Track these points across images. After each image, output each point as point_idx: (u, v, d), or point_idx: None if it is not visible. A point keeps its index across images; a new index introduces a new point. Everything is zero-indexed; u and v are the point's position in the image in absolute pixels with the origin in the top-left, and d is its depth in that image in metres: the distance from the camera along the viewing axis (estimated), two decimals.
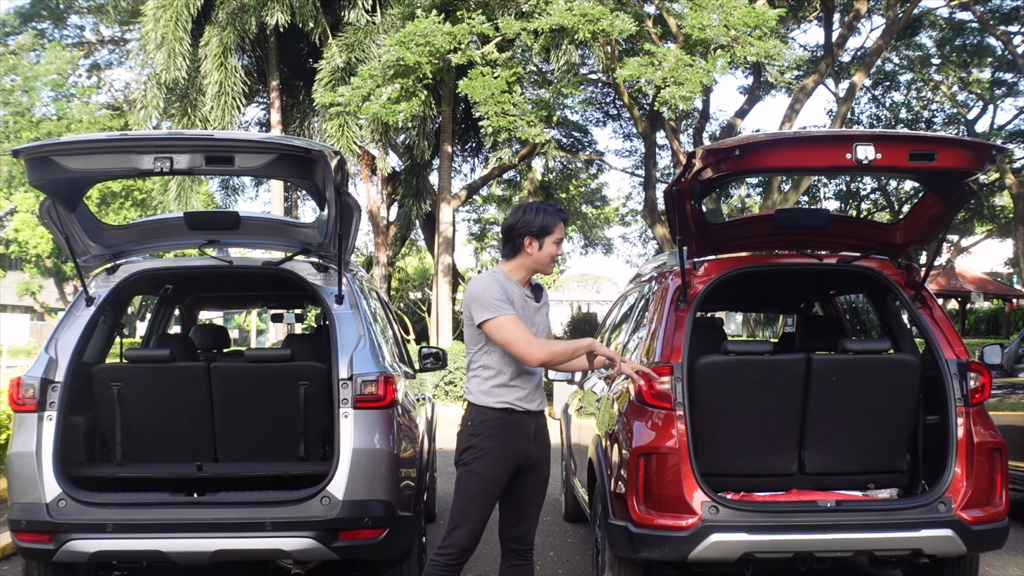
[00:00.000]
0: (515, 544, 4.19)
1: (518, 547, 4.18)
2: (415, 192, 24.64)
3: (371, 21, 20.91)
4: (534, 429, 4.14)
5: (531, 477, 4.17)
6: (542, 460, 4.19)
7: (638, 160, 31.86)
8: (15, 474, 4.79)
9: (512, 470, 4.09)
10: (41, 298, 39.24)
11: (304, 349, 5.91)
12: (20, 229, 32.84)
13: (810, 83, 22.26)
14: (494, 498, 4.10)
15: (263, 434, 5.29)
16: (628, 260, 43.27)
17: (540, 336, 4.14)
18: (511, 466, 4.07)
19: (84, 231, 5.21)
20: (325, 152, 4.47)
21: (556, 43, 17.18)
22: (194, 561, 4.76)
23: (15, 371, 12.47)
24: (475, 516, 4.03)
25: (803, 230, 5.42)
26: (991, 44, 27.30)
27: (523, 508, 4.18)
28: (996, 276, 38.46)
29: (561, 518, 8.00)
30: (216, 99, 21.11)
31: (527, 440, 4.10)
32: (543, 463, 4.20)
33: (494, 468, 4.03)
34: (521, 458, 4.09)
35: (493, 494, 4.08)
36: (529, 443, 4.11)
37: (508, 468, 4.07)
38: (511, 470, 4.08)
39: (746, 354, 5.01)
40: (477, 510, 4.04)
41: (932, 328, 5.02)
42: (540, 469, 4.20)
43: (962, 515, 4.59)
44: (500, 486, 4.08)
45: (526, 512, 4.18)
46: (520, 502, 4.17)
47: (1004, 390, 7.75)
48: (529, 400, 4.12)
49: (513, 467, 4.08)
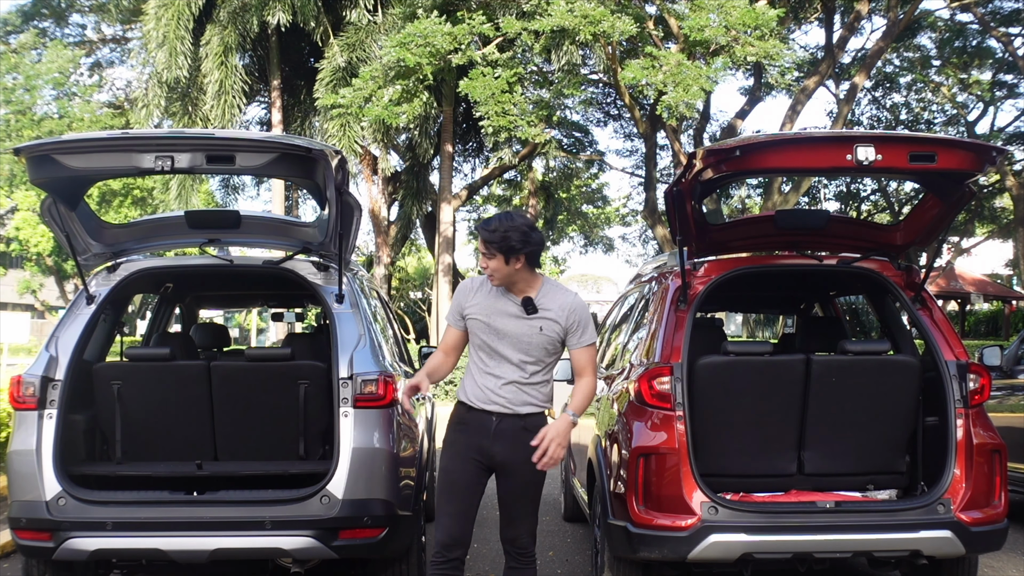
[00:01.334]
0: (510, 547, 4.19)
1: (512, 550, 4.18)
2: (416, 192, 24.66)
3: (372, 21, 20.91)
4: (495, 429, 4.07)
5: (507, 480, 4.12)
6: (515, 464, 4.06)
7: (638, 160, 31.91)
8: (15, 472, 4.79)
9: (481, 467, 4.09)
10: (42, 296, 39.27)
11: (304, 348, 5.92)
12: (21, 227, 32.88)
13: (811, 84, 22.28)
14: (462, 492, 4.08)
15: (263, 433, 5.29)
16: (628, 260, 43.33)
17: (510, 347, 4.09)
18: (474, 461, 4.08)
19: (85, 229, 5.21)
20: (326, 151, 4.47)
21: (557, 44, 17.19)
22: (193, 559, 4.75)
23: (15, 369, 12.48)
24: (445, 510, 4.09)
25: (803, 231, 5.42)
26: (991, 46, 27.32)
27: (507, 510, 4.16)
28: (996, 278, 38.49)
29: (560, 518, 8.01)
30: (217, 98, 21.11)
31: (487, 438, 4.07)
32: (517, 468, 4.06)
33: (455, 461, 4.10)
34: (485, 456, 4.08)
35: (458, 488, 4.08)
36: (490, 441, 4.07)
37: (470, 463, 4.08)
38: (478, 466, 4.09)
39: (746, 355, 5.02)
40: (445, 503, 4.10)
41: (932, 329, 5.03)
42: (515, 473, 4.08)
43: (961, 516, 4.59)
44: (468, 481, 4.07)
45: (511, 515, 4.15)
46: (505, 504, 4.17)
47: (1003, 392, 7.76)
48: (487, 400, 4.10)
49: (479, 463, 4.09)
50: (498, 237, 3.97)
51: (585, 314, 4.14)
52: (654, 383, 4.70)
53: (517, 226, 3.99)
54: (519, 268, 4.03)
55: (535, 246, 4.04)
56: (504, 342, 4.10)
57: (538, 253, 4.10)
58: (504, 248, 3.98)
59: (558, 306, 4.10)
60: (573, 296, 4.18)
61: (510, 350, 4.10)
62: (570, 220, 38.35)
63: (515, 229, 3.98)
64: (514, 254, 3.99)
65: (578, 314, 4.11)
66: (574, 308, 4.11)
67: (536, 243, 4.03)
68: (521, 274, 4.06)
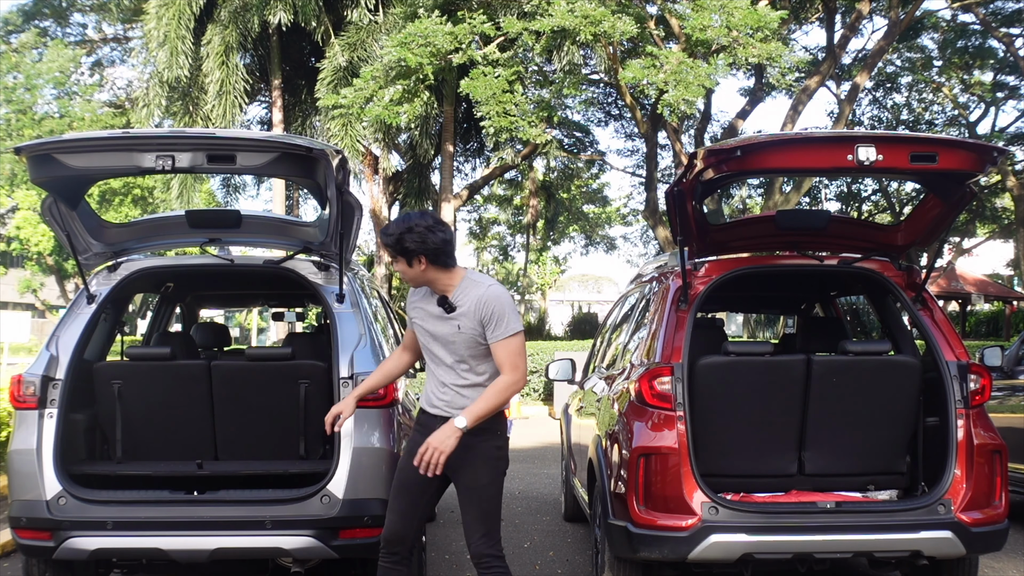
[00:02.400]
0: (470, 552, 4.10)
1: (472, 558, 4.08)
2: (417, 191, 24.65)
3: (373, 20, 20.90)
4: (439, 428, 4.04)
5: (457, 485, 4.10)
6: (457, 471, 4.01)
7: (639, 160, 31.89)
8: (15, 471, 4.80)
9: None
10: (42, 295, 39.29)
11: (305, 348, 5.92)
12: (22, 227, 32.88)
13: (812, 84, 22.27)
14: (407, 491, 4.12)
15: (263, 432, 5.29)
16: (629, 259, 43.31)
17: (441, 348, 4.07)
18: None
19: (86, 229, 5.21)
20: (326, 151, 4.48)
21: (558, 44, 17.18)
22: (194, 559, 4.76)
23: (16, 368, 12.49)
24: (391, 506, 4.18)
25: (804, 231, 5.42)
26: (993, 46, 27.30)
27: (462, 515, 4.11)
28: (997, 278, 38.46)
29: (561, 518, 8.01)
30: (218, 97, 21.11)
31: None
32: (459, 474, 4.03)
33: (406, 459, 4.15)
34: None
35: (405, 487, 4.12)
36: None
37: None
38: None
39: (746, 355, 5.01)
40: (392, 500, 4.19)
41: (932, 330, 5.02)
42: (458, 480, 4.06)
43: (962, 517, 4.59)
44: (416, 481, 4.04)
45: (465, 520, 4.09)
46: (460, 509, 4.14)
47: (1004, 392, 7.75)
48: (431, 404, 4.15)
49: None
50: (392, 241, 3.96)
51: (499, 305, 3.95)
52: (655, 383, 4.70)
53: (412, 227, 3.93)
54: (424, 269, 3.98)
55: (435, 245, 3.93)
56: (436, 344, 4.10)
57: (442, 251, 3.96)
58: (400, 251, 3.95)
59: (470, 301, 3.99)
60: (487, 287, 4.01)
61: (442, 352, 4.08)
62: (571, 220, 38.37)
63: (410, 231, 3.92)
64: (412, 256, 3.95)
65: (491, 306, 3.95)
66: (486, 300, 3.96)
67: (436, 242, 3.93)
68: (432, 274, 4.00)
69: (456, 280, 4.03)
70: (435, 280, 4.02)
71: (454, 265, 4.05)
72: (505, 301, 3.99)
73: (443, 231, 3.98)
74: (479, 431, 3.96)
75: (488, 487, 4.05)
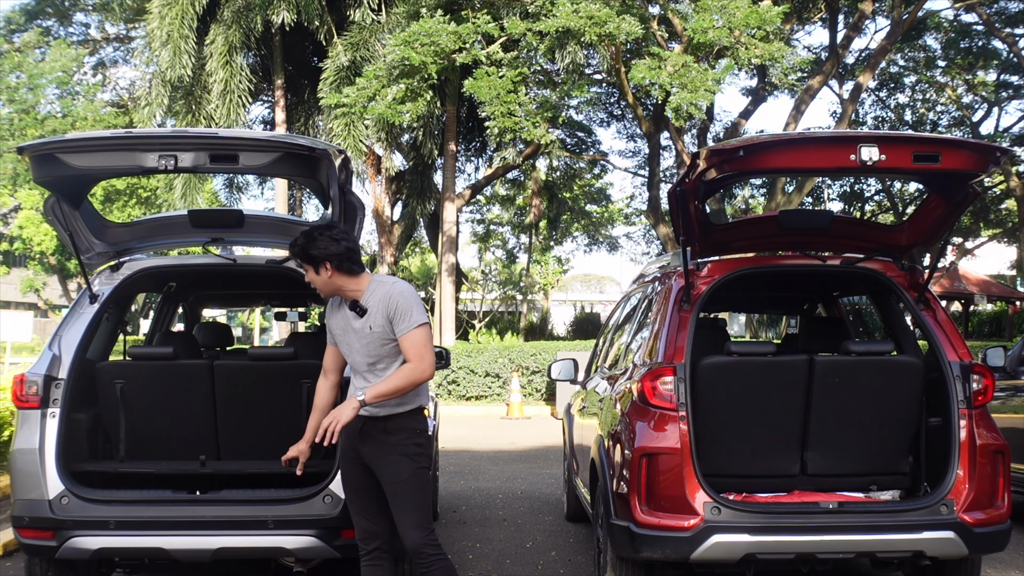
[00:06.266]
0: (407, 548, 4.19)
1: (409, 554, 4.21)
2: (419, 191, 24.67)
3: (376, 20, 20.93)
4: (360, 432, 4.19)
5: (382, 482, 4.20)
6: (379, 466, 4.18)
7: (642, 160, 31.88)
8: (18, 470, 4.80)
9: (363, 466, 4.24)
10: (45, 295, 39.27)
11: (307, 347, 5.91)
12: (24, 226, 32.87)
13: (815, 84, 22.26)
14: (356, 493, 4.29)
15: (266, 432, 5.29)
16: (632, 259, 43.30)
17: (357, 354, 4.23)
18: (356, 462, 4.26)
19: (88, 228, 5.22)
20: (329, 151, 4.48)
21: (562, 44, 17.19)
22: (196, 559, 4.76)
23: (18, 368, 12.49)
24: (351, 509, 4.35)
25: (807, 231, 5.41)
26: (996, 46, 27.28)
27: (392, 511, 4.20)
28: (1000, 279, 38.42)
29: (563, 518, 8.00)
30: (221, 97, 21.15)
31: (355, 437, 4.21)
32: (381, 469, 4.17)
33: (343, 464, 4.34)
34: (359, 455, 4.23)
35: (352, 489, 4.30)
36: (358, 444, 4.21)
37: (355, 465, 4.27)
38: (362, 465, 4.24)
39: (749, 355, 5.01)
40: (349, 503, 4.35)
41: (935, 330, 5.02)
42: (384, 475, 4.17)
43: (964, 517, 4.59)
44: (358, 482, 4.26)
45: (395, 515, 4.19)
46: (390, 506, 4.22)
47: (1007, 392, 7.74)
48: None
49: (358, 463, 4.25)
50: (298, 251, 4.18)
51: (404, 299, 4.13)
52: (657, 383, 4.70)
53: (316, 237, 4.12)
54: (331, 276, 4.15)
55: (338, 252, 4.11)
56: (353, 351, 4.26)
57: (346, 258, 4.13)
58: (307, 259, 4.14)
59: (377, 299, 4.16)
60: (391, 284, 4.21)
61: (360, 357, 4.22)
62: (574, 219, 38.36)
63: (313, 241, 4.12)
64: (319, 263, 4.12)
65: (396, 301, 4.12)
66: (391, 296, 4.14)
67: (339, 250, 4.10)
68: (339, 281, 4.16)
69: (364, 285, 4.21)
70: (343, 287, 4.19)
71: (360, 271, 4.23)
72: (409, 295, 4.17)
73: (347, 240, 4.19)
74: (396, 430, 4.17)
75: (410, 480, 4.17)
